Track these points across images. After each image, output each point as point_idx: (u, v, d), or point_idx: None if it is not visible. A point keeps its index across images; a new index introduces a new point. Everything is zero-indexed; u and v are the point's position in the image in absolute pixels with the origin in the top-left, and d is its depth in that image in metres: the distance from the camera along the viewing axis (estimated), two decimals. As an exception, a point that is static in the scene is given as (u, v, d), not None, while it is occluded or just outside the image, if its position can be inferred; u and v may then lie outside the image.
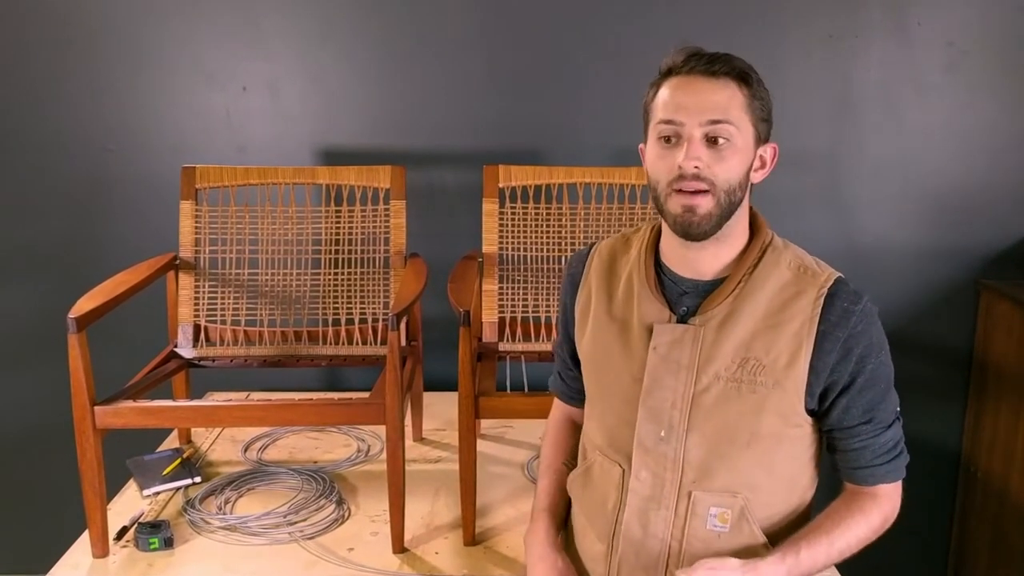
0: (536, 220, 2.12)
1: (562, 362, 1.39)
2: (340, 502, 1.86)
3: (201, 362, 2.03)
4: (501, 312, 2.09)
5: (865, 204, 2.37)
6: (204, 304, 2.06)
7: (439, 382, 2.30)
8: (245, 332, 2.07)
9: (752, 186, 1.16)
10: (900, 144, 2.33)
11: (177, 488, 1.91)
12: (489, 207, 2.10)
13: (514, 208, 2.11)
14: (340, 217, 2.12)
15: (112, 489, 1.84)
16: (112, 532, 1.71)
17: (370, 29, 2.27)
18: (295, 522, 1.78)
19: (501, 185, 2.10)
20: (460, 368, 1.67)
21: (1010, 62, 2.28)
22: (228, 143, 2.32)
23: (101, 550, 1.67)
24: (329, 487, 1.91)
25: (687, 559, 1.15)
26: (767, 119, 1.14)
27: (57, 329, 1.63)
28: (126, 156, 2.32)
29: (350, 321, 2.09)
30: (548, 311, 2.08)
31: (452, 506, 1.85)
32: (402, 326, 1.77)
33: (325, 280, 2.11)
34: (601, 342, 1.23)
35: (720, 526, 1.15)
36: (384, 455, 1.74)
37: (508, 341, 2.07)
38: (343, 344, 2.08)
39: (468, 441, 1.70)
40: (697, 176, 1.09)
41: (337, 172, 2.11)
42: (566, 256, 2.06)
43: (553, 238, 2.11)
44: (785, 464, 1.17)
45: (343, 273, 2.11)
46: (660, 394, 1.15)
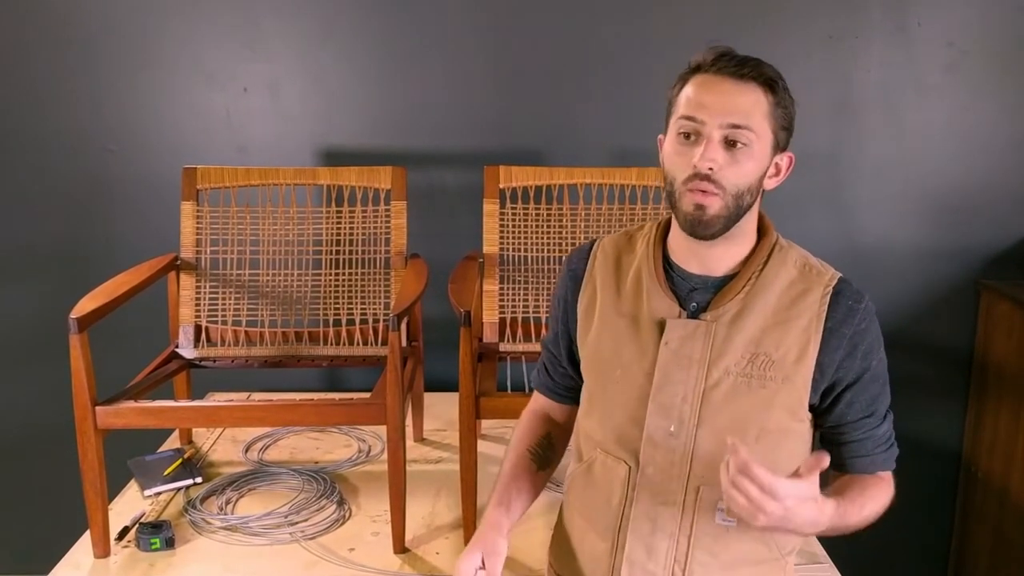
0: (537, 221, 2.12)
1: (552, 358, 1.36)
2: (341, 502, 1.86)
3: (202, 362, 2.04)
4: (502, 312, 2.09)
5: (865, 204, 2.37)
6: (205, 305, 2.06)
7: (440, 382, 2.30)
8: (246, 333, 2.07)
9: (764, 192, 1.17)
10: (900, 144, 2.33)
11: (178, 488, 1.91)
12: (490, 208, 2.10)
13: (515, 209, 2.11)
14: (341, 218, 2.12)
15: (113, 489, 1.84)
16: (113, 532, 1.72)
17: (370, 29, 2.27)
18: (296, 522, 1.78)
19: (502, 186, 2.10)
20: (461, 368, 1.68)
21: (1010, 62, 2.29)
22: (228, 143, 2.32)
23: (102, 550, 1.67)
24: (330, 487, 1.91)
25: (695, 554, 1.16)
26: (788, 128, 1.15)
27: (58, 329, 1.63)
28: (126, 156, 2.32)
29: (351, 322, 2.09)
30: (549, 312, 2.08)
31: (453, 506, 1.85)
32: (403, 326, 1.77)
33: (326, 281, 2.11)
34: (609, 338, 1.23)
35: (728, 521, 1.15)
36: (385, 455, 1.74)
37: (509, 341, 2.07)
38: (344, 345, 2.08)
39: (469, 441, 1.70)
40: (709, 178, 1.09)
41: (338, 173, 2.11)
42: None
43: (554, 239, 2.11)
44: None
45: (344, 274, 2.11)
46: (671, 389, 1.16)
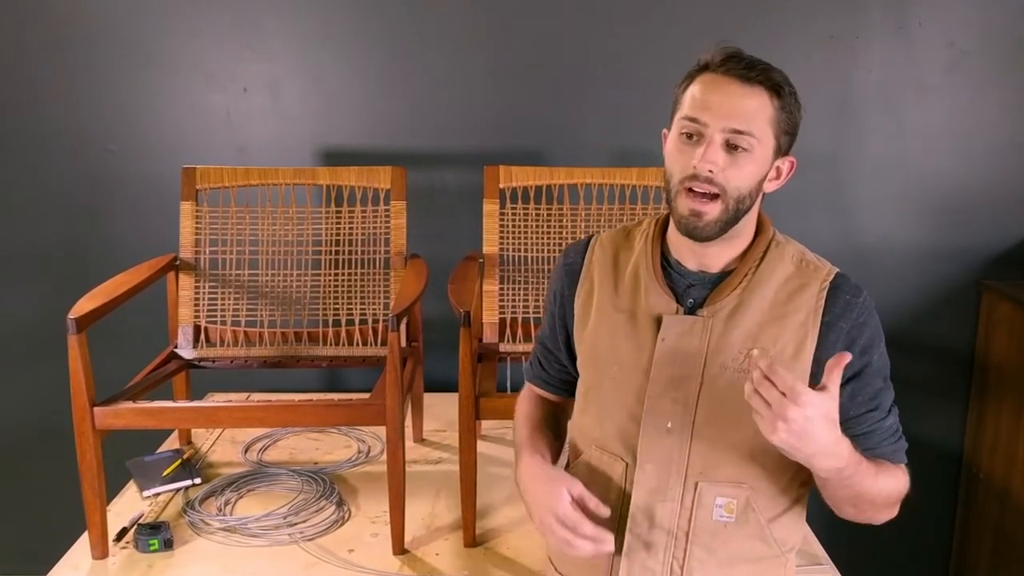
0: (537, 221, 2.11)
1: (547, 352, 1.36)
2: (340, 503, 1.86)
3: (201, 363, 2.03)
4: (502, 313, 2.08)
5: (866, 204, 2.37)
6: (204, 305, 2.06)
7: (439, 383, 2.30)
8: (245, 333, 2.06)
9: (764, 195, 1.17)
10: (901, 144, 2.33)
11: (177, 489, 1.90)
12: (490, 208, 2.09)
13: (515, 209, 2.11)
14: (340, 218, 2.11)
15: (112, 490, 1.83)
16: (112, 533, 1.71)
17: (371, 29, 2.27)
18: (295, 523, 1.78)
19: (502, 186, 2.10)
20: (460, 369, 1.67)
21: (1011, 62, 2.28)
22: (228, 143, 2.32)
23: (101, 551, 1.67)
24: (329, 488, 1.90)
25: (693, 550, 1.16)
26: (792, 133, 1.14)
27: (57, 330, 1.63)
28: (126, 156, 2.32)
29: (350, 322, 2.08)
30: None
31: (453, 507, 1.85)
32: (402, 327, 1.77)
33: (325, 281, 2.10)
34: (606, 334, 1.22)
35: (726, 516, 1.16)
36: (384, 456, 1.74)
37: (509, 342, 2.06)
38: (343, 345, 2.07)
39: (468, 442, 1.70)
40: (709, 180, 1.09)
41: (337, 173, 2.11)
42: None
43: (554, 239, 2.11)
44: (788, 458, 1.18)
45: (343, 274, 2.10)
46: (668, 385, 1.15)
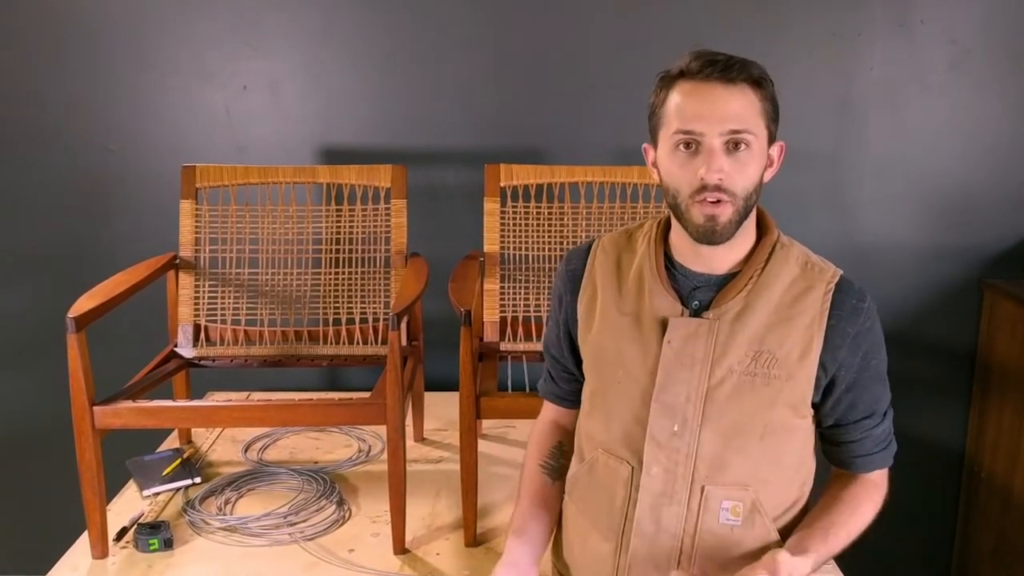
0: (538, 219, 2.11)
1: (554, 362, 1.36)
2: (341, 503, 1.85)
3: (201, 362, 2.03)
4: (502, 312, 2.08)
5: (867, 203, 2.36)
6: (204, 304, 2.06)
7: (440, 382, 2.29)
8: (245, 332, 2.06)
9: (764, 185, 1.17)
10: (903, 143, 2.32)
11: (177, 489, 1.90)
12: (490, 206, 2.09)
13: (515, 207, 2.10)
14: (341, 216, 2.11)
15: (112, 490, 1.83)
16: (112, 533, 1.71)
17: (371, 28, 2.27)
18: (295, 523, 1.77)
19: (503, 184, 2.09)
20: (461, 368, 1.67)
21: (1013, 60, 2.27)
22: (228, 142, 2.31)
23: (100, 551, 1.67)
24: (330, 488, 1.90)
25: (700, 554, 1.16)
26: (776, 118, 1.15)
27: (57, 329, 1.62)
28: (126, 156, 2.31)
29: (351, 321, 2.08)
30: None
31: (453, 507, 1.84)
32: (403, 326, 1.77)
33: (326, 280, 2.10)
34: (611, 337, 1.22)
35: (733, 519, 1.15)
36: (385, 455, 1.74)
37: (510, 341, 2.06)
38: (344, 344, 2.07)
39: (469, 441, 1.69)
40: (719, 187, 1.09)
41: (338, 171, 2.10)
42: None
43: (555, 237, 2.10)
44: (791, 457, 1.19)
45: (344, 273, 2.10)
46: (674, 388, 1.15)
